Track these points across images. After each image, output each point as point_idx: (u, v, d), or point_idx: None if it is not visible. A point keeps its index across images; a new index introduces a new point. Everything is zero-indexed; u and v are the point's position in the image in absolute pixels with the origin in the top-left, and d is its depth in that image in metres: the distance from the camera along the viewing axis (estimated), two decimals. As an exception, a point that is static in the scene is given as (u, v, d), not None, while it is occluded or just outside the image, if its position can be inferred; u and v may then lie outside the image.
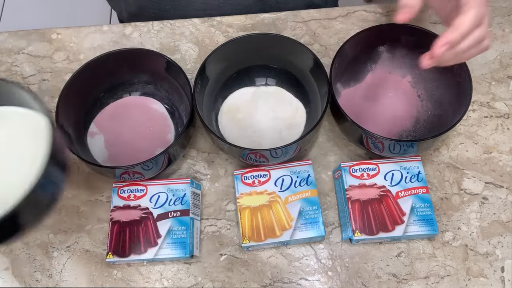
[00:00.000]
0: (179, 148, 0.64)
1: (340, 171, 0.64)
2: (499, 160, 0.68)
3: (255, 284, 0.62)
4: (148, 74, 0.70)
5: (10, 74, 0.78)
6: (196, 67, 0.76)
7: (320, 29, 0.78)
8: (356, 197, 0.62)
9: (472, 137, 0.70)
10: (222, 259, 0.64)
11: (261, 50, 0.69)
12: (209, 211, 0.67)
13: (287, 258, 0.64)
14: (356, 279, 0.62)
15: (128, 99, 0.72)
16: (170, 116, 0.71)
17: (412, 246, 0.63)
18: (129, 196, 0.64)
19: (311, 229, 0.61)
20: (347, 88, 0.71)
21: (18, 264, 0.65)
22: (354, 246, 0.64)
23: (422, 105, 0.69)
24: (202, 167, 0.70)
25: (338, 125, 0.67)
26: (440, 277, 0.62)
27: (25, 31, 0.81)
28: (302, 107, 0.70)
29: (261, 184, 0.64)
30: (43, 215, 0.44)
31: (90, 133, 0.69)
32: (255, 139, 0.68)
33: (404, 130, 0.68)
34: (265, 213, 0.62)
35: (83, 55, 0.78)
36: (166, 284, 0.63)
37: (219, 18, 0.80)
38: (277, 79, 0.72)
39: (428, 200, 0.62)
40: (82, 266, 0.64)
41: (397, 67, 0.71)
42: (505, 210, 0.65)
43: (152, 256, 0.61)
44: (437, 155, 0.69)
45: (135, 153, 0.68)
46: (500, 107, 0.72)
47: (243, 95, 0.72)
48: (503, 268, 0.62)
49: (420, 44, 0.67)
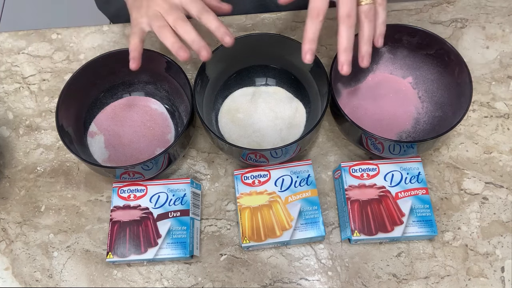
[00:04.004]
0: (179, 148, 0.64)
1: (340, 171, 0.64)
2: (499, 160, 0.68)
3: (255, 284, 0.62)
4: (148, 74, 0.70)
5: (10, 74, 0.78)
6: (196, 67, 0.76)
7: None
8: (355, 197, 0.62)
9: (472, 137, 0.70)
10: (222, 259, 0.64)
11: (261, 50, 0.69)
12: (209, 211, 0.67)
13: (287, 258, 0.64)
14: (356, 279, 0.62)
15: (128, 99, 0.72)
16: (170, 116, 0.71)
17: (412, 246, 0.63)
18: (129, 196, 0.64)
19: (311, 229, 0.61)
20: (347, 88, 0.71)
21: (18, 264, 0.65)
22: (354, 246, 0.64)
23: (423, 106, 0.69)
24: (202, 167, 0.70)
25: (338, 125, 0.67)
26: (440, 277, 0.62)
27: (25, 31, 0.81)
28: (302, 107, 0.70)
29: (261, 184, 0.64)
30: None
31: (90, 133, 0.69)
32: (255, 139, 0.68)
33: (404, 131, 0.68)
34: (265, 213, 0.62)
35: (83, 55, 0.78)
36: (166, 284, 0.63)
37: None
38: (277, 79, 0.72)
39: (428, 201, 0.62)
40: (82, 266, 0.64)
41: (398, 68, 0.71)
42: (505, 210, 0.65)
43: (152, 256, 0.61)
44: (437, 155, 0.69)
45: (135, 153, 0.68)
46: (500, 107, 0.72)
47: (243, 95, 0.72)
48: (503, 268, 0.62)
49: (421, 45, 0.67)
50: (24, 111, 0.75)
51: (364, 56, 0.56)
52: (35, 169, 0.70)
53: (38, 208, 0.68)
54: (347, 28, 0.54)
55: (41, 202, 0.68)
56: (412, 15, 0.79)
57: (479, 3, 0.79)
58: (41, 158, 0.71)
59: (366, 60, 0.56)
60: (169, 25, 0.58)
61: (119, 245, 0.61)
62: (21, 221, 0.67)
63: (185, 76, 0.64)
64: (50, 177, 0.70)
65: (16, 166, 0.71)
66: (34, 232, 0.67)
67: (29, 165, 0.71)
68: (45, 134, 0.73)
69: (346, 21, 0.54)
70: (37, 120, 0.74)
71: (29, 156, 0.71)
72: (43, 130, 0.73)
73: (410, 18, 0.79)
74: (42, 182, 0.70)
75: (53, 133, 0.73)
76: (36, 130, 0.73)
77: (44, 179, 0.70)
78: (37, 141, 0.72)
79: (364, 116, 0.69)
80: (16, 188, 0.69)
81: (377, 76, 0.72)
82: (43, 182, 0.70)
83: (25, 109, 0.75)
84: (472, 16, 0.78)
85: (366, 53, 0.56)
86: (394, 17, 0.79)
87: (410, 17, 0.79)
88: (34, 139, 0.73)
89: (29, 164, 0.71)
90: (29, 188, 0.69)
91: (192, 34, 0.57)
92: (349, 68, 0.56)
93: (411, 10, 0.79)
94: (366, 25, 0.55)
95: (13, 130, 0.73)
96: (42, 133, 0.73)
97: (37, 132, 0.73)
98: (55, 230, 0.67)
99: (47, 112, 0.75)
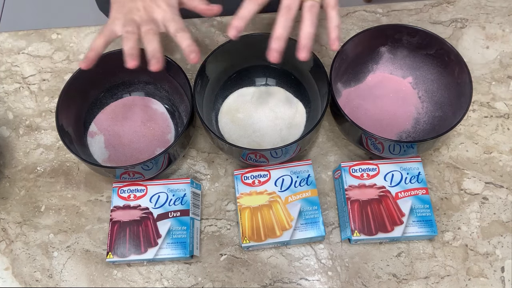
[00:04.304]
0: (179, 148, 0.64)
1: (340, 171, 0.64)
2: (499, 160, 0.68)
3: (255, 284, 0.62)
4: (148, 74, 0.70)
5: (10, 74, 0.78)
6: (196, 67, 0.76)
7: (320, 29, 0.78)
8: (355, 197, 0.62)
9: (472, 137, 0.70)
10: (222, 259, 0.64)
11: (261, 50, 0.68)
12: (209, 211, 0.67)
13: (287, 258, 0.64)
14: (356, 279, 0.62)
15: (128, 99, 0.72)
16: (170, 116, 0.71)
17: (412, 246, 0.63)
18: (129, 196, 0.64)
19: (311, 229, 0.61)
20: (347, 88, 0.71)
21: (18, 264, 0.65)
22: (354, 246, 0.64)
23: (423, 106, 0.69)
24: (202, 167, 0.70)
25: (338, 125, 0.67)
26: (440, 277, 0.62)
27: (25, 31, 0.81)
28: (302, 107, 0.70)
29: (261, 184, 0.64)
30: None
31: (90, 133, 0.69)
32: (255, 139, 0.68)
33: (404, 131, 0.68)
34: (265, 213, 0.62)
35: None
36: (166, 284, 0.63)
37: (219, 18, 0.80)
38: (277, 79, 0.72)
39: (428, 201, 0.62)
40: (82, 266, 0.64)
41: (398, 68, 0.71)
42: (505, 210, 0.65)
43: (152, 256, 0.61)
44: (437, 155, 0.69)
45: (135, 153, 0.68)
46: (500, 107, 0.72)
47: (243, 95, 0.72)
48: (503, 268, 0.62)
49: (421, 45, 0.67)
50: (24, 111, 0.75)
51: (301, 49, 0.56)
52: (35, 169, 0.70)
53: (38, 208, 0.68)
54: (284, 18, 0.56)
55: (41, 202, 0.68)
56: (412, 15, 0.79)
57: (479, 3, 0.79)
58: (41, 158, 0.71)
59: (304, 53, 0.56)
60: (137, 33, 0.59)
61: (119, 245, 0.61)
62: (21, 221, 0.67)
63: (185, 76, 0.64)
64: (50, 177, 0.70)
65: (16, 166, 0.71)
66: (34, 232, 0.67)
67: (29, 165, 0.71)
68: (45, 134, 0.73)
69: (285, 12, 0.56)
70: (37, 120, 0.74)
71: (29, 156, 0.71)
72: (43, 130, 0.73)
73: (410, 18, 0.79)
74: (42, 182, 0.70)
75: (53, 133, 0.73)
76: (36, 130, 0.73)
77: (44, 179, 0.70)
78: (37, 141, 0.72)
79: (364, 116, 0.69)
80: (16, 188, 0.69)
81: (377, 76, 0.72)
82: (43, 182, 0.70)
83: (25, 109, 0.75)
84: (472, 16, 0.78)
85: (304, 46, 0.56)
86: (394, 17, 0.79)
87: (410, 17, 0.79)
88: (34, 139, 0.73)
89: (29, 164, 0.71)
90: (29, 188, 0.69)
91: (155, 44, 0.58)
92: (279, 56, 0.56)
93: (411, 10, 0.79)
94: (307, 20, 0.56)
95: (13, 130, 0.73)
96: (42, 133, 0.73)
97: (37, 132, 0.73)
98: (55, 230, 0.67)
99: (47, 112, 0.75)
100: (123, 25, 0.60)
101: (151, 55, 0.58)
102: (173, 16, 0.61)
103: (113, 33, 0.61)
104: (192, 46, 0.59)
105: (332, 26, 0.57)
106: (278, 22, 0.56)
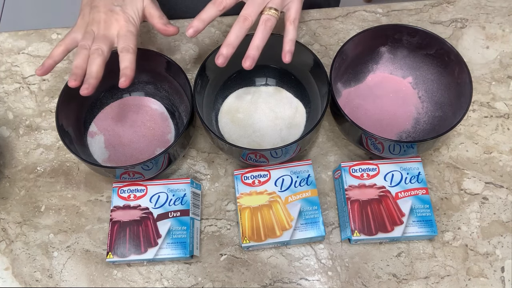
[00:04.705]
0: (179, 148, 0.64)
1: (340, 171, 0.64)
2: (499, 160, 0.68)
3: (255, 284, 0.62)
4: (148, 74, 0.70)
5: (10, 74, 0.78)
6: (196, 67, 0.76)
7: (320, 29, 0.78)
8: (355, 197, 0.62)
9: (472, 137, 0.70)
10: (222, 259, 0.64)
11: (261, 50, 0.69)
12: (209, 211, 0.67)
13: (287, 258, 0.64)
14: (356, 279, 0.62)
15: (128, 99, 0.72)
16: (170, 116, 0.71)
17: (412, 246, 0.63)
18: (129, 196, 0.64)
19: (311, 229, 0.61)
20: (347, 88, 0.71)
21: (18, 264, 0.65)
22: (354, 246, 0.64)
23: (423, 106, 0.69)
24: (202, 167, 0.70)
25: (338, 125, 0.67)
26: (440, 277, 0.62)
27: (25, 31, 0.81)
28: (302, 107, 0.70)
29: (261, 184, 0.64)
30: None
31: (90, 133, 0.69)
32: (255, 139, 0.68)
33: (404, 131, 0.68)
34: (265, 213, 0.62)
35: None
36: (166, 284, 0.63)
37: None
38: (277, 79, 0.72)
39: (428, 201, 0.62)
40: (82, 266, 0.64)
41: (398, 68, 0.71)
42: (505, 210, 0.65)
43: (152, 256, 0.61)
44: (437, 155, 0.69)
45: (135, 153, 0.68)
46: (500, 107, 0.72)
47: (243, 95, 0.72)
48: (503, 268, 0.62)
49: (421, 45, 0.67)
50: (24, 111, 0.75)
51: (246, 58, 0.59)
52: (35, 169, 0.70)
53: (38, 208, 0.68)
54: (239, 27, 0.59)
55: (41, 202, 0.68)
56: (412, 15, 0.79)
57: (479, 3, 0.79)
58: (41, 158, 0.71)
59: (249, 62, 0.59)
60: (89, 49, 0.60)
61: (119, 245, 0.61)
62: (21, 221, 0.67)
63: (185, 76, 0.64)
64: (50, 177, 0.70)
65: (16, 166, 0.71)
66: (34, 232, 0.67)
67: (29, 165, 0.71)
68: (45, 134, 0.73)
69: (241, 21, 0.59)
70: (37, 120, 0.74)
71: (29, 156, 0.71)
72: (43, 130, 0.73)
73: (410, 18, 0.79)
74: (42, 182, 0.70)
75: (53, 133, 0.73)
76: (36, 130, 0.73)
77: (44, 179, 0.70)
78: (37, 141, 0.72)
79: (364, 116, 0.69)
80: (16, 188, 0.69)
81: (377, 76, 0.72)
82: (43, 182, 0.70)
83: (25, 109, 0.75)
84: (472, 16, 0.78)
85: (249, 56, 0.59)
86: (394, 17, 0.79)
87: (410, 17, 0.79)
88: (34, 139, 0.73)
89: (29, 164, 0.71)
90: (29, 188, 0.69)
91: (94, 68, 0.58)
92: (224, 61, 0.59)
93: (411, 10, 0.79)
94: (258, 33, 0.59)
95: (13, 130, 0.73)
96: (42, 133, 0.73)
97: (37, 132, 0.73)
98: (55, 230, 0.67)
99: (47, 112, 0.75)
100: (82, 36, 0.61)
101: (87, 77, 0.58)
102: (126, 33, 0.61)
103: (74, 41, 0.61)
104: (127, 70, 0.59)
105: (286, 40, 0.60)
106: (232, 30, 0.59)
